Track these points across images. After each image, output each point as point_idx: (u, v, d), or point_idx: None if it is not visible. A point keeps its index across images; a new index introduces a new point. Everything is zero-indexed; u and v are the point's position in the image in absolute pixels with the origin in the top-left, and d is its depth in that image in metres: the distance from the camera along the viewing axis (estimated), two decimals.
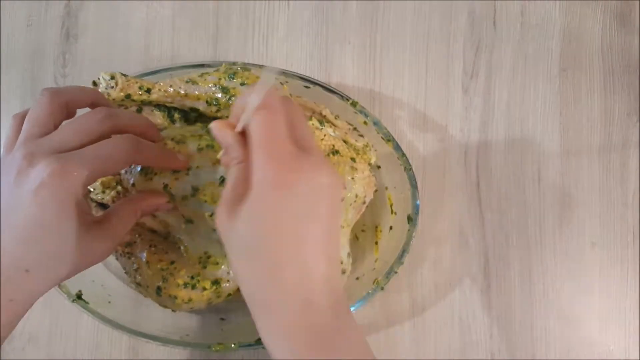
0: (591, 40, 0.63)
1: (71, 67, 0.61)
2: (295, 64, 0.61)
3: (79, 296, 0.51)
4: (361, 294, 0.52)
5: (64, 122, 0.39)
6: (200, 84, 0.48)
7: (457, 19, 0.63)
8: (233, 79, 0.48)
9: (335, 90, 0.54)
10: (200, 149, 0.45)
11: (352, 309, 0.51)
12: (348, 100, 0.54)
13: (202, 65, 0.53)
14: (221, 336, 0.52)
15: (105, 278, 0.54)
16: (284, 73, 0.54)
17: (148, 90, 0.48)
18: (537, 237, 0.60)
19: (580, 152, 0.61)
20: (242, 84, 0.48)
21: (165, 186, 0.44)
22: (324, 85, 0.54)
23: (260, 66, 0.54)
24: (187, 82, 0.49)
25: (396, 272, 0.52)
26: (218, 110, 0.49)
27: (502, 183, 0.61)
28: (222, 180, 0.44)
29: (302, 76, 0.54)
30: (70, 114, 0.40)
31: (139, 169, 0.46)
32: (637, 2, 0.64)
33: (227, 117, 0.48)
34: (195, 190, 0.44)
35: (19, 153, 0.35)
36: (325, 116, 0.52)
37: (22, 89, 0.60)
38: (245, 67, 0.51)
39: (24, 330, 0.57)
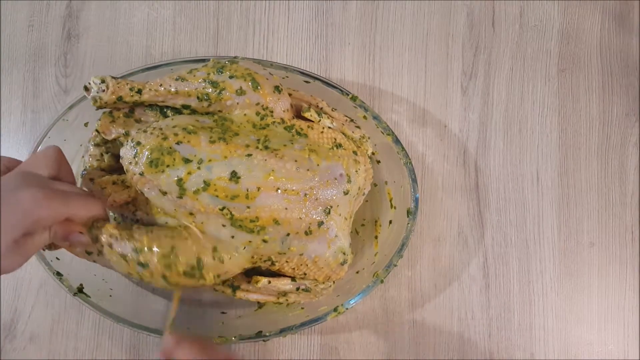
0: (590, 41, 0.63)
1: (72, 68, 0.61)
2: (296, 64, 0.62)
3: (80, 290, 0.51)
4: (361, 287, 0.52)
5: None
6: (189, 80, 0.49)
7: (455, 20, 0.63)
8: (222, 72, 0.48)
9: (335, 85, 0.54)
10: (212, 142, 0.45)
11: (352, 301, 0.52)
12: (348, 94, 0.54)
13: (203, 60, 0.53)
14: (222, 329, 0.53)
15: (106, 272, 0.54)
16: (285, 68, 0.54)
17: (139, 91, 0.49)
18: (535, 237, 0.60)
19: (578, 152, 0.62)
20: (231, 77, 0.48)
21: (179, 180, 0.44)
22: (324, 79, 0.54)
23: (259, 61, 0.54)
24: (176, 79, 0.49)
25: (395, 265, 0.52)
26: (209, 105, 0.49)
27: (501, 183, 0.61)
28: (233, 175, 0.44)
29: (302, 71, 0.55)
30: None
31: (144, 158, 0.45)
32: (637, 2, 0.64)
33: (220, 111, 0.49)
34: (207, 184, 0.44)
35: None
36: (322, 108, 0.52)
37: (23, 89, 0.61)
38: (233, 60, 0.51)
39: (26, 329, 0.57)
